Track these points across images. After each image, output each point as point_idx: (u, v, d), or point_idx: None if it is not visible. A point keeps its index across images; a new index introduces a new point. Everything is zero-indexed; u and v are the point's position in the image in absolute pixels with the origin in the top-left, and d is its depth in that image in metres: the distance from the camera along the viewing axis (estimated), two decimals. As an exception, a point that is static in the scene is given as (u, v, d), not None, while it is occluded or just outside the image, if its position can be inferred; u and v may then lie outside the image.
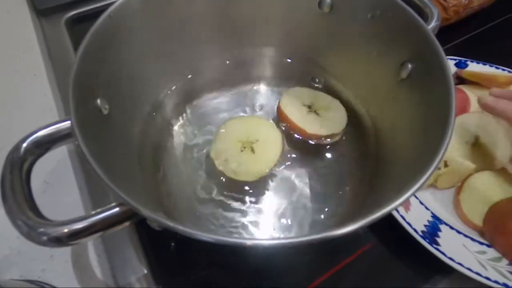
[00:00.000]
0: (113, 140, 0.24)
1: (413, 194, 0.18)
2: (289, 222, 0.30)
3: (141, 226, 0.32)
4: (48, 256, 0.29)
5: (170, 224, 0.15)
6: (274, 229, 0.30)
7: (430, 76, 0.23)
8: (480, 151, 0.34)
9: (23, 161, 0.18)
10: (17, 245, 0.30)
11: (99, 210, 0.18)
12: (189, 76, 0.36)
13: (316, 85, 0.37)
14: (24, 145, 0.19)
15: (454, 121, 0.19)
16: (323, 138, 0.33)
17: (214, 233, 0.15)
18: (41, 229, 0.16)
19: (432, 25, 0.26)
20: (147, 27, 0.28)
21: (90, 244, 0.30)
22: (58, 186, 0.33)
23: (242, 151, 0.31)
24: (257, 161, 0.30)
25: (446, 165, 0.33)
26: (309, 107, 0.34)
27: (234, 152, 0.30)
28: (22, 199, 0.17)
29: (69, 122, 0.19)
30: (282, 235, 0.29)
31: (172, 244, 0.32)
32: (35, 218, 0.17)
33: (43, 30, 0.49)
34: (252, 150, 0.31)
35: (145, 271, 0.30)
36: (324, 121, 0.33)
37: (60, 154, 0.35)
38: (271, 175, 0.32)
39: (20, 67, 0.43)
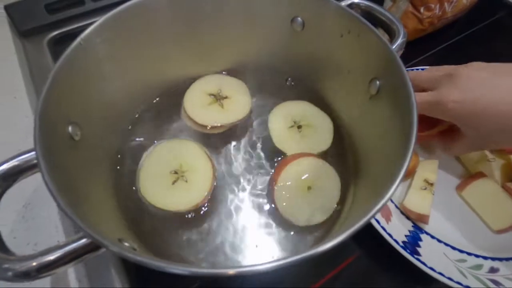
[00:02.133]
0: (86, 167, 0.24)
1: (386, 202, 0.18)
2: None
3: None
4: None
5: (133, 257, 0.15)
6: (256, 246, 0.30)
7: (395, 92, 0.23)
8: None
9: (-11, 195, 0.18)
10: (-6, 272, 0.29)
11: (68, 240, 0.18)
12: (158, 99, 0.36)
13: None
14: (-11, 178, 0.19)
15: (415, 136, 0.20)
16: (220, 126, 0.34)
17: (186, 265, 0.15)
18: (6, 265, 0.16)
19: (398, 41, 0.27)
20: (118, 52, 0.28)
21: (71, 268, 0.30)
22: (37, 211, 0.33)
23: (173, 183, 0.28)
24: (189, 190, 0.28)
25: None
26: (214, 95, 0.35)
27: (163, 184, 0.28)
28: (-14, 235, 0.17)
29: (34, 152, 0.19)
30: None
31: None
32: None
33: (25, 51, 0.49)
34: (184, 179, 0.29)
35: (128, 295, 0.29)
36: (224, 111, 0.34)
37: (39, 178, 0.35)
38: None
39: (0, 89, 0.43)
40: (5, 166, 0.19)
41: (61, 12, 0.52)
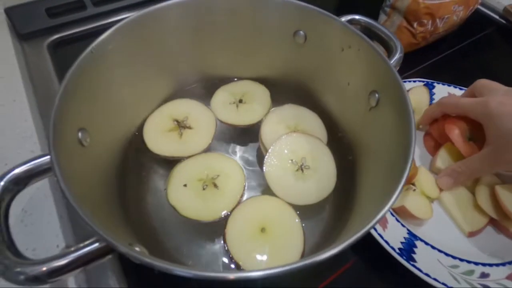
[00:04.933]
0: (94, 173, 0.24)
1: (387, 211, 0.19)
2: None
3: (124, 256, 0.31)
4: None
5: (147, 260, 0.16)
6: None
7: (394, 105, 0.25)
8: None
9: (1, 200, 0.18)
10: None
11: (78, 245, 0.18)
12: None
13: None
14: (2, 183, 0.19)
15: (414, 147, 0.21)
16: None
17: (192, 268, 0.15)
18: (18, 269, 0.16)
19: (396, 57, 0.28)
20: (127, 60, 0.29)
21: (70, 275, 0.30)
22: (37, 215, 0.33)
23: (204, 189, 0.30)
24: (221, 197, 0.30)
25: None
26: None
27: (195, 192, 0.30)
28: (-1, 238, 0.17)
29: (47, 157, 0.19)
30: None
31: (156, 273, 0.32)
32: (12, 257, 0.17)
33: (24, 55, 0.49)
34: (215, 186, 0.30)
35: (128, 303, 0.29)
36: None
37: (40, 181, 0.35)
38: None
39: (-1, 93, 0.42)
40: (17, 171, 0.19)
41: (62, 16, 0.52)
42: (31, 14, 0.51)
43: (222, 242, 0.29)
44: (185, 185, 0.30)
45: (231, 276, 0.16)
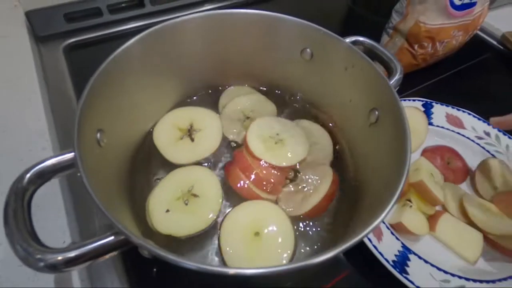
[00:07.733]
0: (107, 173, 0.26)
1: (381, 222, 0.20)
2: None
3: (127, 254, 0.32)
4: (30, 281, 0.29)
5: (159, 252, 0.17)
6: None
7: (392, 123, 0.26)
8: None
9: (26, 190, 0.20)
10: (-4, 270, 0.29)
11: (94, 238, 0.20)
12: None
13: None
14: (28, 175, 0.20)
15: (408, 167, 0.22)
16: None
17: (198, 262, 0.17)
18: (39, 256, 0.18)
19: (396, 77, 0.30)
20: (144, 67, 0.31)
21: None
22: (45, 211, 0.34)
23: (186, 204, 0.30)
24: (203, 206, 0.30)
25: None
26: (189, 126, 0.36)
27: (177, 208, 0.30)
28: (23, 226, 0.18)
29: (71, 154, 0.21)
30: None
31: (155, 271, 0.33)
32: (34, 245, 0.18)
33: (41, 56, 0.51)
34: (196, 196, 0.30)
35: (128, 299, 0.30)
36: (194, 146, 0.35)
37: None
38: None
39: (15, 92, 0.44)
40: (44, 164, 0.21)
41: (79, 22, 0.55)
42: (50, 18, 0.53)
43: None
44: (167, 211, 0.30)
45: (231, 271, 0.18)
